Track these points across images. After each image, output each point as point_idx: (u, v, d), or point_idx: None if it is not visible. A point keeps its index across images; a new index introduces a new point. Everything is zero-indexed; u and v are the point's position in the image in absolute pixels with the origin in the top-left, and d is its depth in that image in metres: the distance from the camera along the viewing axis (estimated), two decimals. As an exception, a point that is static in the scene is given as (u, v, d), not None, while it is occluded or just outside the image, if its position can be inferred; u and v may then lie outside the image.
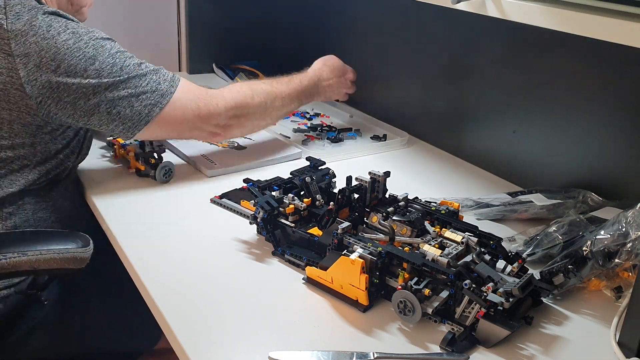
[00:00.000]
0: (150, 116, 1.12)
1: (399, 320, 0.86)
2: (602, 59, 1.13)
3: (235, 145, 1.43)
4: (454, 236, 0.93)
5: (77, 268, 0.98)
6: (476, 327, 0.82)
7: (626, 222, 0.89)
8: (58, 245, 0.97)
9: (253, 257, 1.01)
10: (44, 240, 0.98)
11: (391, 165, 1.38)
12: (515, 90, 1.31)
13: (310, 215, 1.04)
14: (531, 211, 1.14)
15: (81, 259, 0.97)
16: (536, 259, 0.99)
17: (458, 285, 0.83)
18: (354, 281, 0.86)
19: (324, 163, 1.18)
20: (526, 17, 0.87)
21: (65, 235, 1.00)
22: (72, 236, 1.00)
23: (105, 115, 1.10)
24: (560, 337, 0.85)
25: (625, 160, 1.13)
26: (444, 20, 1.44)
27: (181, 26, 2.04)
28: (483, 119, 1.40)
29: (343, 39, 1.82)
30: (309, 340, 0.82)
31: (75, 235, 1.00)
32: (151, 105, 1.12)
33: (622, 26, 0.76)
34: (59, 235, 1.01)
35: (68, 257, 0.96)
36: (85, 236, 1.00)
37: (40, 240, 0.98)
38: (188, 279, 0.94)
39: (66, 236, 1.00)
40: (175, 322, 0.84)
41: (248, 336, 0.82)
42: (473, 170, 1.40)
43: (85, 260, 0.98)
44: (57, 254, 0.96)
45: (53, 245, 0.96)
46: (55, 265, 0.96)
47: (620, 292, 0.92)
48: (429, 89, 1.55)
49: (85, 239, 0.99)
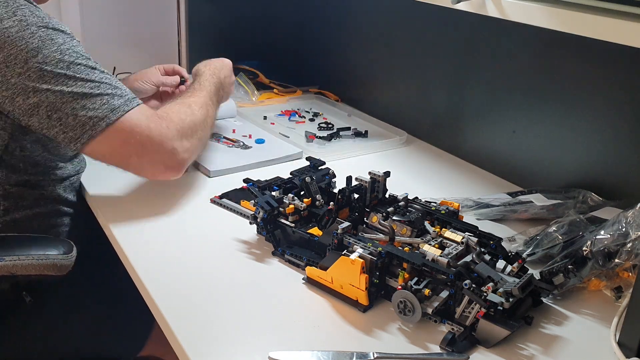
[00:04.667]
0: (95, 130, 0.98)
1: (399, 320, 0.86)
2: (602, 59, 1.13)
3: (242, 145, 1.43)
4: (454, 236, 0.93)
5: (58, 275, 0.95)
6: (476, 327, 0.82)
7: (626, 222, 0.89)
8: (38, 251, 0.94)
9: (253, 257, 1.01)
10: (24, 246, 0.95)
11: (391, 164, 1.38)
12: (515, 90, 1.31)
13: (310, 215, 1.04)
14: (531, 211, 1.14)
15: (61, 266, 0.94)
16: (536, 259, 0.99)
17: (458, 285, 0.83)
18: (354, 281, 0.86)
19: (324, 163, 1.18)
20: (526, 17, 0.87)
21: (48, 241, 0.97)
22: (55, 242, 0.97)
23: (45, 119, 0.97)
24: (560, 337, 0.85)
25: (625, 160, 1.13)
26: (444, 20, 1.44)
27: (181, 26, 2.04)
28: (483, 118, 1.40)
29: (343, 39, 1.82)
30: (309, 340, 0.82)
31: (59, 242, 0.98)
32: (97, 119, 0.98)
33: (622, 26, 0.76)
34: (42, 241, 0.98)
35: (47, 264, 0.93)
36: (68, 243, 0.98)
37: (21, 246, 0.95)
38: (188, 279, 0.94)
39: (49, 242, 0.97)
40: (175, 322, 0.84)
41: (248, 336, 0.82)
42: (473, 170, 1.40)
43: (66, 267, 0.95)
44: (36, 260, 0.93)
45: (33, 251, 0.94)
46: (34, 272, 0.93)
47: (620, 292, 0.92)
48: (428, 88, 1.55)
49: (68, 245, 0.97)
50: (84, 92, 0.98)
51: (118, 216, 1.11)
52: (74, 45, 1.00)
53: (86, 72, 0.99)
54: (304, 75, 1.96)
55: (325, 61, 1.92)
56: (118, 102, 1.00)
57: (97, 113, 0.98)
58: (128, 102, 1.02)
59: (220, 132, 1.51)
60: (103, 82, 1.00)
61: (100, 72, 1.02)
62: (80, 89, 0.98)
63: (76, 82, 0.98)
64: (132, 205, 1.16)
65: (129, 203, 1.17)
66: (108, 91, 1.00)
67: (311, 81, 1.94)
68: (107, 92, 1.00)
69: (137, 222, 1.10)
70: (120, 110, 1.00)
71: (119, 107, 1.00)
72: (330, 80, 1.90)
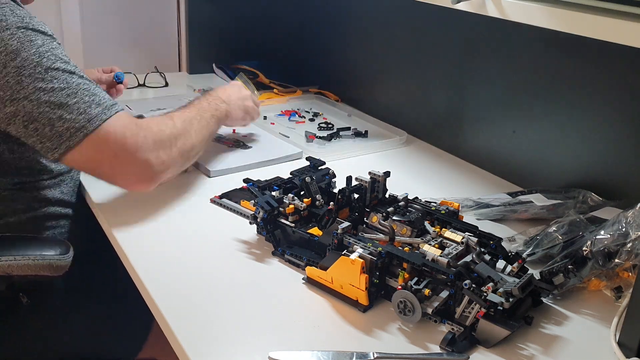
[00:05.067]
0: (72, 141, 0.96)
1: (399, 320, 0.86)
2: (603, 59, 1.13)
3: (241, 145, 1.43)
4: (454, 236, 0.93)
5: (54, 275, 0.95)
6: (476, 327, 0.82)
7: (626, 222, 0.90)
8: (35, 251, 0.94)
9: (253, 257, 1.01)
10: (21, 246, 0.95)
11: (391, 164, 1.38)
12: (515, 90, 1.31)
13: (310, 215, 1.04)
14: (531, 211, 1.14)
15: (58, 267, 0.94)
16: (536, 259, 0.99)
17: (458, 285, 0.83)
18: (354, 281, 0.86)
19: (324, 163, 1.18)
20: (526, 17, 0.87)
21: (45, 242, 0.97)
22: (52, 243, 0.97)
23: (22, 129, 0.96)
24: (560, 337, 0.85)
25: (625, 160, 1.13)
26: (444, 20, 1.44)
27: (181, 26, 2.04)
28: (483, 118, 1.40)
29: (343, 38, 1.82)
30: (309, 340, 0.82)
31: (55, 242, 0.97)
32: (74, 129, 0.95)
33: (622, 26, 0.76)
34: (39, 242, 0.98)
35: (43, 264, 0.93)
36: (66, 243, 0.98)
37: (17, 246, 0.95)
38: (188, 278, 0.94)
39: (45, 242, 0.97)
40: (175, 322, 0.84)
41: (248, 336, 0.82)
42: (473, 170, 1.40)
43: (62, 268, 0.95)
44: (32, 260, 0.93)
45: (30, 252, 0.94)
46: (30, 272, 0.93)
47: (620, 292, 0.92)
48: (428, 88, 1.55)
49: (64, 246, 0.96)
50: (61, 102, 0.95)
51: (118, 217, 1.11)
52: (53, 47, 0.98)
53: (64, 78, 0.97)
54: (304, 75, 1.96)
55: (325, 61, 1.92)
56: (95, 110, 0.97)
57: (73, 124, 0.96)
58: (106, 110, 0.98)
59: (220, 132, 1.50)
60: (81, 89, 0.98)
61: (79, 77, 0.99)
62: (57, 98, 0.95)
63: (53, 91, 0.95)
64: (132, 205, 1.16)
65: (129, 203, 1.17)
66: (86, 99, 0.97)
67: (311, 81, 1.94)
68: (85, 100, 0.97)
69: (137, 222, 1.10)
70: (98, 120, 0.97)
71: (96, 117, 0.97)
72: (330, 80, 1.90)
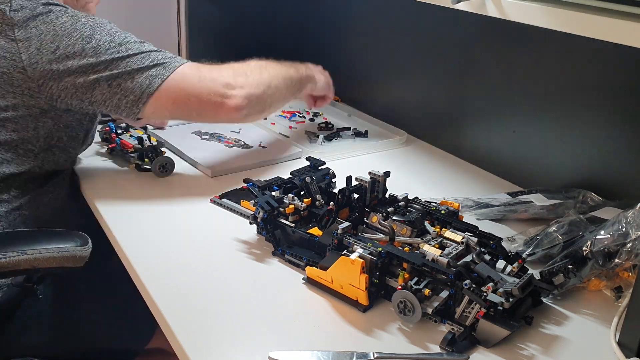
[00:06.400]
0: (152, 87, 1.10)
1: (399, 320, 0.86)
2: (603, 59, 1.13)
3: (241, 145, 1.43)
4: (454, 236, 0.93)
5: (76, 266, 0.99)
6: (476, 327, 0.82)
7: (626, 222, 0.89)
8: (57, 244, 0.98)
9: (253, 257, 1.01)
10: (42, 240, 0.99)
11: (391, 164, 1.37)
12: (515, 90, 1.31)
13: (310, 215, 1.04)
14: (531, 211, 1.14)
15: (80, 258, 0.98)
16: (536, 259, 0.99)
17: (458, 285, 0.83)
18: (354, 281, 0.86)
19: (324, 163, 1.18)
20: (526, 17, 0.87)
21: (64, 234, 1.01)
22: (71, 235, 1.01)
23: (107, 89, 1.10)
24: (560, 337, 0.85)
25: (625, 160, 1.13)
26: (444, 20, 1.44)
27: (181, 26, 2.04)
28: (483, 118, 1.40)
29: (343, 38, 1.82)
30: (309, 340, 0.82)
31: (74, 234, 1.01)
32: (153, 77, 1.11)
33: (622, 26, 0.75)
34: (58, 235, 1.02)
35: (67, 255, 0.97)
36: (83, 235, 1.01)
37: (39, 240, 0.99)
38: (188, 278, 0.94)
39: (65, 235, 1.01)
40: (175, 322, 0.84)
41: (248, 336, 0.82)
42: (473, 170, 1.40)
43: (84, 258, 0.99)
44: (56, 252, 0.96)
45: (52, 244, 0.97)
46: (55, 264, 0.97)
47: (620, 292, 0.92)
48: (428, 88, 1.55)
49: (83, 238, 1.00)
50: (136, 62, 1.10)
51: (118, 216, 1.11)
52: (119, 29, 1.15)
53: (134, 46, 1.12)
54: (304, 75, 1.95)
55: (325, 61, 1.92)
56: (168, 60, 1.13)
57: (151, 72, 1.10)
58: (176, 60, 1.13)
59: (221, 132, 1.51)
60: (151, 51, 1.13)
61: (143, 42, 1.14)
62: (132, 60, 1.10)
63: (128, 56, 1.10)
64: (133, 205, 1.16)
65: (129, 203, 1.17)
66: (157, 56, 1.13)
67: (311, 81, 1.93)
68: (156, 56, 1.12)
69: (137, 222, 1.10)
70: (172, 67, 1.12)
71: (169, 64, 1.12)
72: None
